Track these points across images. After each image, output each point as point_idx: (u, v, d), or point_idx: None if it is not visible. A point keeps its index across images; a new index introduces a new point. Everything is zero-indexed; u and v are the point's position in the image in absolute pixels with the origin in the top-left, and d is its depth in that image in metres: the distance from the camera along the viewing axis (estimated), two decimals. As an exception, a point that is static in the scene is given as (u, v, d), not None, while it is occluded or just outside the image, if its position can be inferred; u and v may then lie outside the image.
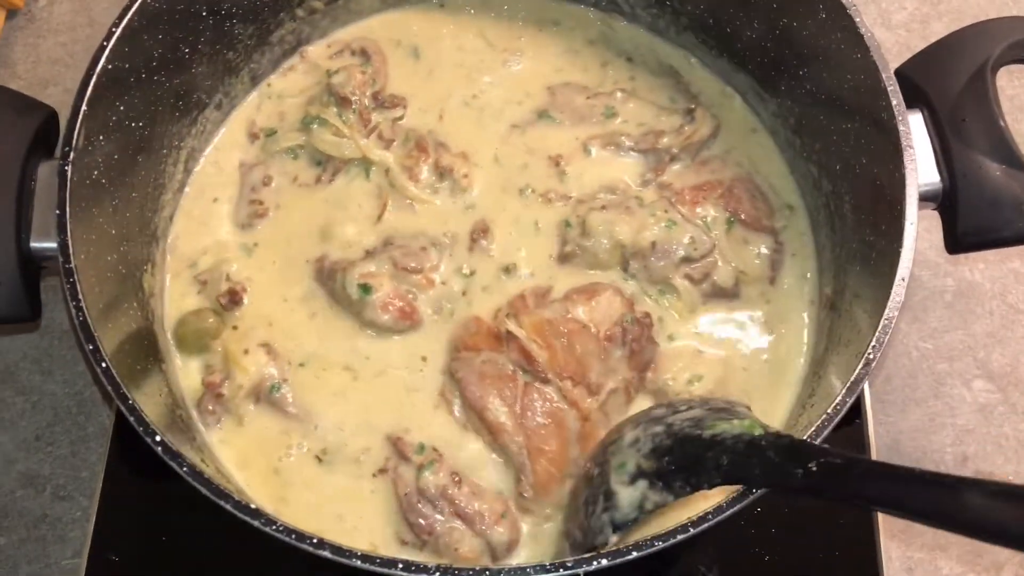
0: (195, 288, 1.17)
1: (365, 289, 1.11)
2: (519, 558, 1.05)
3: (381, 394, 1.12)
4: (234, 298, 1.15)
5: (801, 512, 1.18)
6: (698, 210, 1.16)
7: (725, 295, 1.15)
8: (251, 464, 1.10)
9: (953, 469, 1.28)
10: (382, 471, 1.08)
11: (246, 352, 1.11)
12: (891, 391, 1.32)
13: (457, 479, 1.04)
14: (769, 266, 1.17)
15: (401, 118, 1.25)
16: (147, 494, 1.20)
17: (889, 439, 1.30)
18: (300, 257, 1.18)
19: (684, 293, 1.14)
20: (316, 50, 1.31)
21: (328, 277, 1.15)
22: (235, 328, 1.15)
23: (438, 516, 1.03)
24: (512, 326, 1.09)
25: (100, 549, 1.16)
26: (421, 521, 1.03)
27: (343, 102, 1.21)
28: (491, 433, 1.06)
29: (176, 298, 1.17)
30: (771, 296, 1.17)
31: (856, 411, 1.22)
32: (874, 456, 1.21)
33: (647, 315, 1.13)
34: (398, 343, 1.14)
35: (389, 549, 1.05)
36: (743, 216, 1.17)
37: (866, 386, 1.23)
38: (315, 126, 1.22)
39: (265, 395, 1.11)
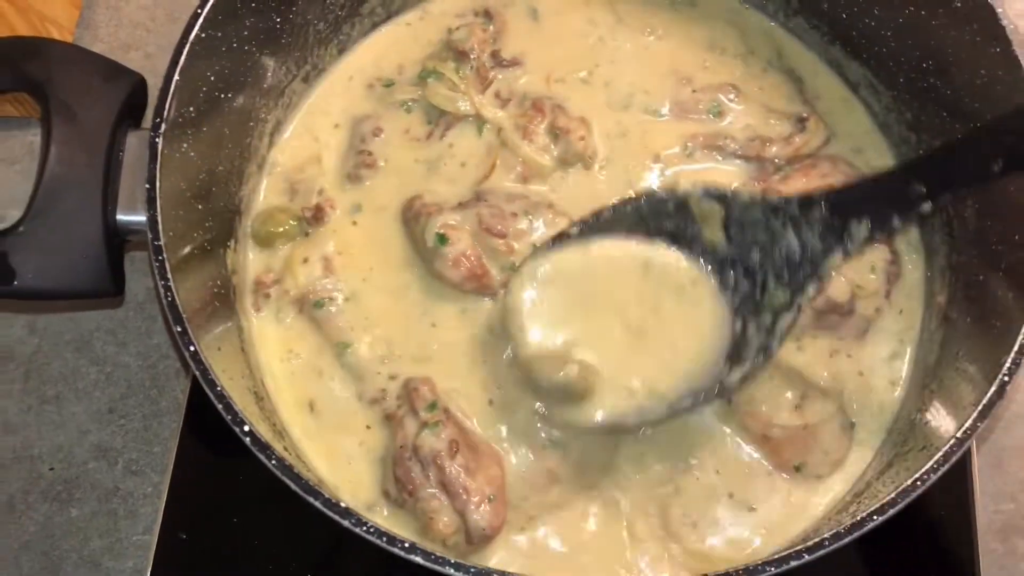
0: (287, 196, 1.17)
1: (441, 239, 1.07)
2: (496, 556, 1.01)
3: (424, 343, 1.09)
4: (319, 214, 1.13)
5: (895, 530, 1.12)
6: None
7: (839, 311, 1.08)
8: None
9: (1060, 492, 1.21)
10: (390, 416, 1.05)
11: (305, 261, 1.11)
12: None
13: (455, 448, 0.99)
14: (885, 280, 1.10)
15: (520, 78, 1.20)
16: (220, 472, 1.18)
17: (992, 457, 1.23)
18: (394, 203, 1.15)
19: None
20: (438, 6, 1.27)
21: (413, 218, 1.11)
22: (307, 234, 1.14)
23: (424, 479, 0.99)
24: None
25: (171, 527, 1.15)
26: (406, 478, 1.00)
27: (461, 56, 1.18)
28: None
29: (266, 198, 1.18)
30: (882, 305, 1.10)
31: (957, 425, 1.16)
32: (975, 476, 1.14)
33: None
34: (459, 304, 1.10)
35: (369, 498, 1.03)
36: None
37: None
38: (431, 80, 1.18)
39: (308, 308, 1.10)
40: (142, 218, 0.93)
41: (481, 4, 1.26)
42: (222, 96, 1.06)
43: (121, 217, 0.99)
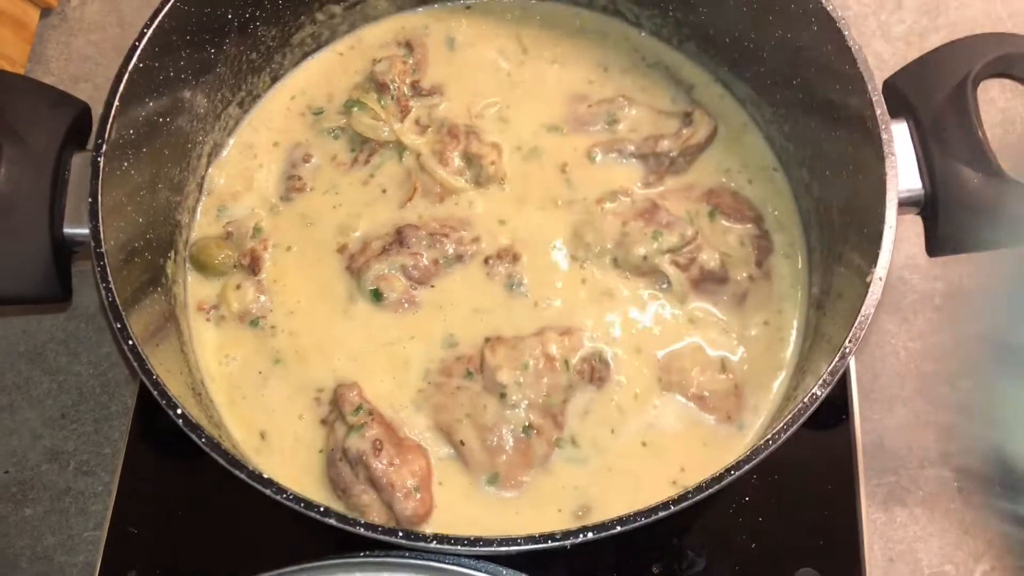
0: (220, 224, 1.27)
1: (377, 295, 1.21)
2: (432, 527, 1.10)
3: (354, 349, 1.19)
4: (255, 264, 1.23)
5: (787, 503, 1.24)
6: (683, 207, 1.24)
7: (714, 278, 1.20)
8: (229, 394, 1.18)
9: (937, 465, 1.33)
10: (324, 422, 1.15)
11: (238, 287, 1.22)
12: (878, 390, 1.37)
13: (378, 447, 1.09)
14: (754, 249, 1.23)
15: (439, 106, 1.33)
16: (166, 471, 1.26)
17: (875, 436, 1.35)
18: (322, 221, 1.27)
19: (675, 281, 1.20)
20: (367, 37, 1.40)
21: (349, 260, 1.23)
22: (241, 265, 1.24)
23: (353, 478, 1.09)
24: (487, 354, 1.15)
25: (120, 522, 1.23)
26: (338, 478, 1.10)
27: (382, 87, 1.30)
28: (462, 457, 1.14)
29: (200, 227, 1.28)
30: (764, 289, 1.22)
31: (844, 409, 1.28)
32: (860, 453, 1.27)
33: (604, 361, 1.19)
34: (392, 318, 1.21)
35: (316, 494, 1.12)
36: (724, 209, 1.24)
37: (854, 385, 1.28)
38: (355, 109, 1.30)
39: (248, 324, 1.21)
40: (86, 230, 1.03)
41: (404, 36, 1.38)
42: (160, 120, 1.17)
43: (68, 230, 1.08)
